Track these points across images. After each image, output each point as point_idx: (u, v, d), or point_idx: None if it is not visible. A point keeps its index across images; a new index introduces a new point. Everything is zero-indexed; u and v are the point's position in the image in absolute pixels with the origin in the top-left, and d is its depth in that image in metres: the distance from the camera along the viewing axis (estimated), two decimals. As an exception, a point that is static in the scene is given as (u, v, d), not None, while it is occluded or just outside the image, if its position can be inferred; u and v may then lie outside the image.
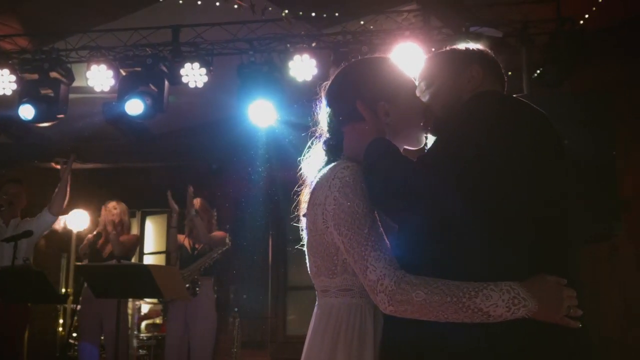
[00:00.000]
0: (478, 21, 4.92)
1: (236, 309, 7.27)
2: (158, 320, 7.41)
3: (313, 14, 4.86)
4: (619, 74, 5.09)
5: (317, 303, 1.88)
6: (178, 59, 5.17)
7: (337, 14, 5.01)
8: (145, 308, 7.47)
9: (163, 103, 5.01)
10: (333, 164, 1.81)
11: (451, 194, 1.57)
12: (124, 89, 5.04)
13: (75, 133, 6.86)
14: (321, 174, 1.81)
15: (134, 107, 4.97)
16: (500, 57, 2.05)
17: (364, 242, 1.66)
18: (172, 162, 8.30)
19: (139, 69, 5.04)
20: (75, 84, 5.42)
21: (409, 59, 4.78)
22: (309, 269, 1.89)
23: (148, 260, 8.42)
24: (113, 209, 5.92)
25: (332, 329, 1.75)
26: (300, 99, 5.85)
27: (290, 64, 5.01)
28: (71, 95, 5.46)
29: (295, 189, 2.06)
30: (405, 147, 1.96)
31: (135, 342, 6.78)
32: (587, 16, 4.54)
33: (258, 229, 8.03)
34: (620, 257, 5.27)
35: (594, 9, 4.49)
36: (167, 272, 4.90)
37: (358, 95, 1.87)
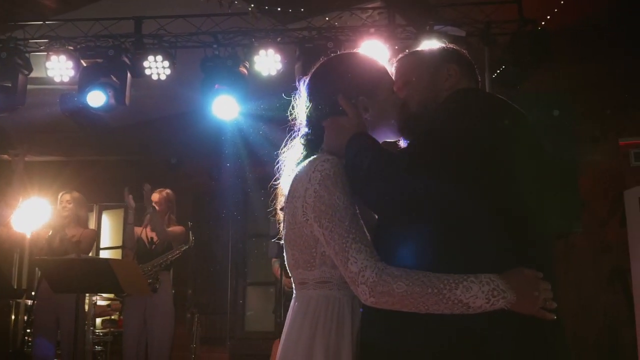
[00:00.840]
0: (442, 20, 4.98)
1: (195, 305, 7.24)
2: (115, 316, 7.29)
3: (279, 9, 4.84)
4: (579, 75, 5.22)
5: (294, 295, 1.88)
6: (140, 51, 5.09)
7: (302, 10, 5.00)
8: (101, 303, 7.34)
9: (125, 95, 4.93)
10: (312, 157, 1.81)
11: (449, 191, 1.59)
12: (85, 81, 4.94)
13: (30, 124, 6.69)
14: (300, 167, 1.82)
15: (96, 99, 4.88)
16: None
17: (345, 234, 1.66)
18: (130, 156, 8.19)
19: (100, 60, 4.94)
20: (33, 74, 5.29)
21: (374, 55, 4.81)
22: (286, 262, 1.90)
23: (105, 255, 8.28)
24: (67, 203, 5.76)
25: (310, 321, 1.76)
26: (265, 93, 5.87)
27: (256, 58, 4.99)
28: (29, 86, 5.32)
29: (271, 182, 2.06)
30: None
31: (91, 338, 6.65)
32: (548, 17, 4.63)
33: (218, 224, 7.98)
34: (577, 255, 5.41)
35: (556, 10, 4.59)
36: (128, 266, 4.83)
37: (339, 89, 1.88)
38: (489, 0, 4.94)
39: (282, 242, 1.91)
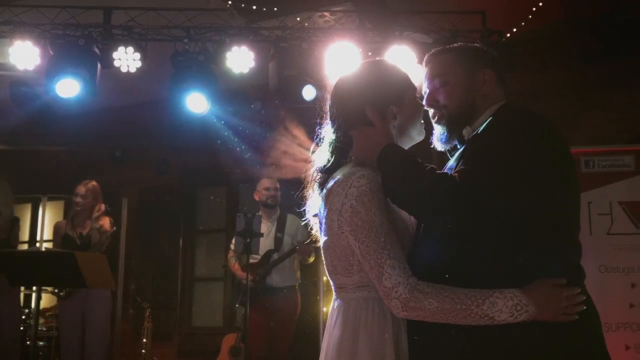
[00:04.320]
0: (410, 27, 5.14)
1: (139, 299, 7.16)
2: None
3: (254, 7, 4.87)
4: (542, 82, 5.51)
5: (334, 297, 1.95)
6: (108, 42, 5.01)
7: (275, 9, 5.06)
8: (46, 298, 7.14)
9: (95, 86, 4.84)
10: (347, 170, 1.88)
11: (502, 204, 1.70)
12: (52, 69, 4.82)
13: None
14: (335, 179, 1.88)
15: (65, 88, 4.77)
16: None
17: (380, 249, 1.75)
18: (74, 147, 7.98)
19: (70, 49, 4.82)
20: (-5, 60, 5.12)
21: (345, 57, 4.94)
22: (325, 267, 1.97)
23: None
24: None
25: (353, 321, 1.84)
26: (233, 91, 5.88)
27: (228, 54, 5.01)
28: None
29: (300, 190, 2.11)
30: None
31: (33, 334, 6.47)
32: (514, 30, 4.88)
33: (166, 219, 7.91)
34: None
35: (517, 22, 4.84)
36: (93, 259, 4.74)
37: (367, 100, 1.95)
38: (455, 10, 5.15)
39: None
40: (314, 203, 2.02)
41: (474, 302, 1.67)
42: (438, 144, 2.10)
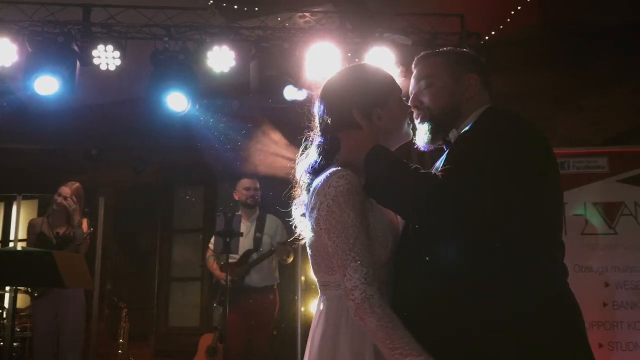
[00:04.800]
0: (390, 29, 5.18)
1: (115, 299, 7.11)
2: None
3: (235, 7, 4.88)
4: (518, 85, 5.59)
5: (319, 295, 1.99)
6: (87, 40, 4.98)
7: (256, 9, 5.06)
8: (19, 298, 7.05)
9: (74, 84, 4.80)
10: (330, 169, 1.91)
11: (486, 203, 1.74)
12: (31, 67, 4.77)
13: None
14: (319, 179, 1.92)
15: (44, 86, 4.72)
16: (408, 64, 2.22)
17: (348, 251, 1.79)
18: (49, 145, 7.88)
19: (48, 46, 4.78)
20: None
21: (326, 58, 4.97)
22: (311, 265, 2.01)
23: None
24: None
25: (335, 316, 1.89)
26: (213, 90, 5.87)
27: (209, 54, 5.01)
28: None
29: (288, 190, 2.14)
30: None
31: (9, 335, 6.39)
32: (492, 33, 4.95)
33: (143, 218, 7.86)
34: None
35: (494, 25, 4.91)
36: (73, 259, 4.71)
37: (353, 104, 1.98)
38: (434, 12, 5.20)
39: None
40: (302, 203, 2.05)
41: (400, 349, 1.69)
42: (421, 145, 2.13)
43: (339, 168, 1.89)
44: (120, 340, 6.53)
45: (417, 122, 2.13)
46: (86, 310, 5.84)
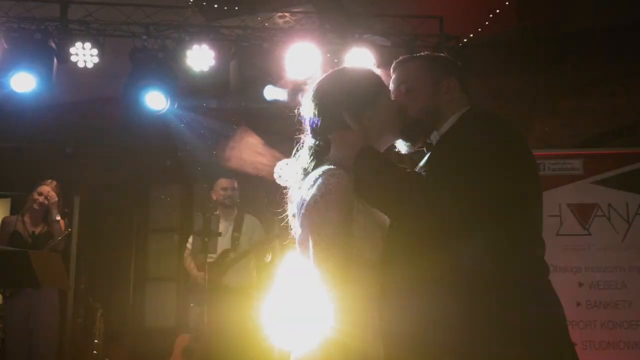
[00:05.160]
0: (370, 30, 5.21)
1: (90, 299, 7.03)
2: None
3: (215, 6, 4.86)
4: (495, 87, 5.66)
5: None
6: (64, 37, 4.92)
7: (236, 8, 5.06)
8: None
9: (51, 81, 4.74)
10: (322, 168, 1.94)
11: (467, 201, 1.78)
12: (7, 64, 4.71)
13: None
14: (310, 177, 1.94)
15: (20, 83, 4.66)
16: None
17: (325, 248, 1.81)
18: (22, 143, 7.77)
19: (25, 43, 4.72)
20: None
21: (306, 58, 4.98)
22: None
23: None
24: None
25: None
26: (192, 89, 5.83)
27: (188, 52, 4.98)
28: None
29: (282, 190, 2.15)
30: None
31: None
32: (471, 36, 5.01)
33: (120, 218, 7.78)
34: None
35: (479, 29, 4.97)
36: (48, 258, 4.64)
37: (344, 106, 2.01)
38: (413, 14, 5.24)
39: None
40: (293, 202, 2.06)
41: None
42: (402, 148, 2.16)
43: (333, 167, 1.92)
44: (95, 341, 6.46)
45: None
46: (61, 310, 5.79)
